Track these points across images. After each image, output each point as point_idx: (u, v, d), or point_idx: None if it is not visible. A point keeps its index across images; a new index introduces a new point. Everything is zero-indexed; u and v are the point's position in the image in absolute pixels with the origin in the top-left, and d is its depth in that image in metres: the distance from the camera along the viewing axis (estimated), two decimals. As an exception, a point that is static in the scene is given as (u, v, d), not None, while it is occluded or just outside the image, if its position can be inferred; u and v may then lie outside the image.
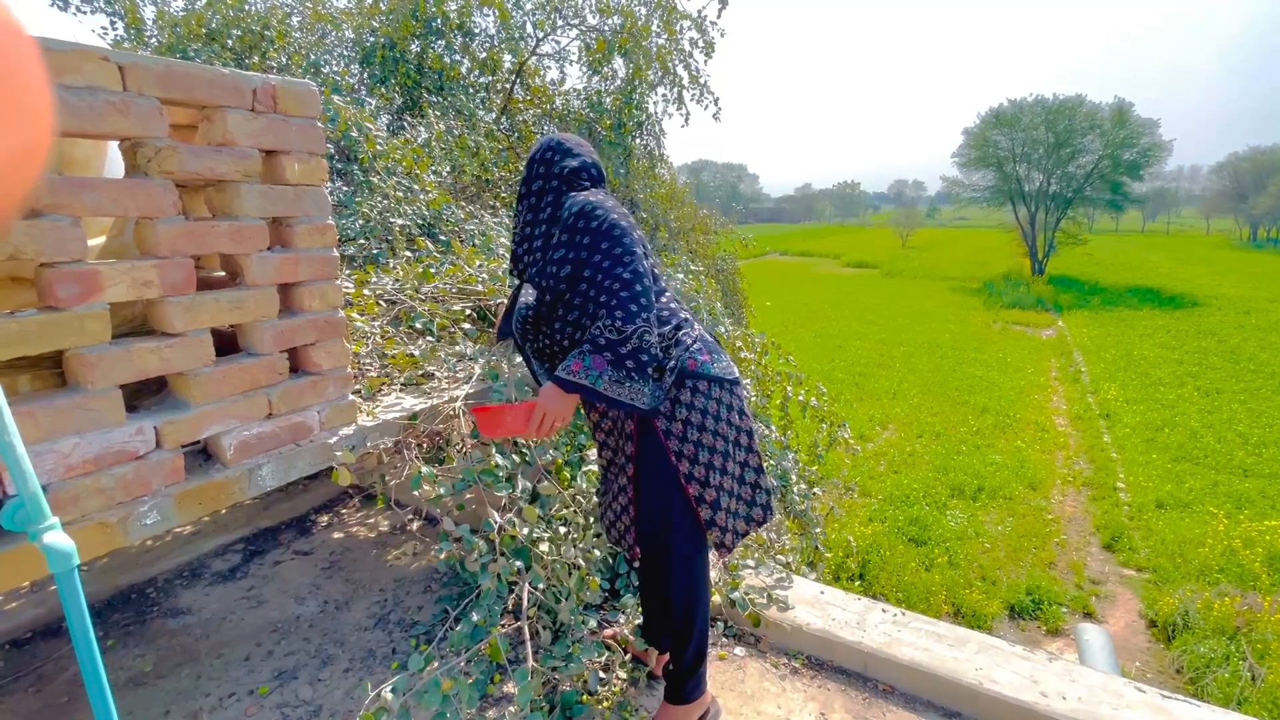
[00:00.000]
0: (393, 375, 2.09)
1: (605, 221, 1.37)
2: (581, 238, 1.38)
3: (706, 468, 1.41)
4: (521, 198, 1.59)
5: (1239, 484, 8.23)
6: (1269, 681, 4.80)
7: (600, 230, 1.36)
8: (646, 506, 1.47)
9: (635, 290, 1.31)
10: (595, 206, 1.39)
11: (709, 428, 1.41)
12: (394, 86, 5.59)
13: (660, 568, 1.49)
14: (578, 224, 1.39)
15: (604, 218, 1.37)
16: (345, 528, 2.64)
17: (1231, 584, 6.03)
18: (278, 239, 1.56)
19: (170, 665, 1.84)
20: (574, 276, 1.40)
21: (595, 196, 1.44)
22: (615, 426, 1.53)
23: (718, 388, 1.43)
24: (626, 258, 1.33)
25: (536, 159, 1.55)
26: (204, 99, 1.33)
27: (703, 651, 1.53)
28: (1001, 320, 19.94)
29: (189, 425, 1.37)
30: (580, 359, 1.34)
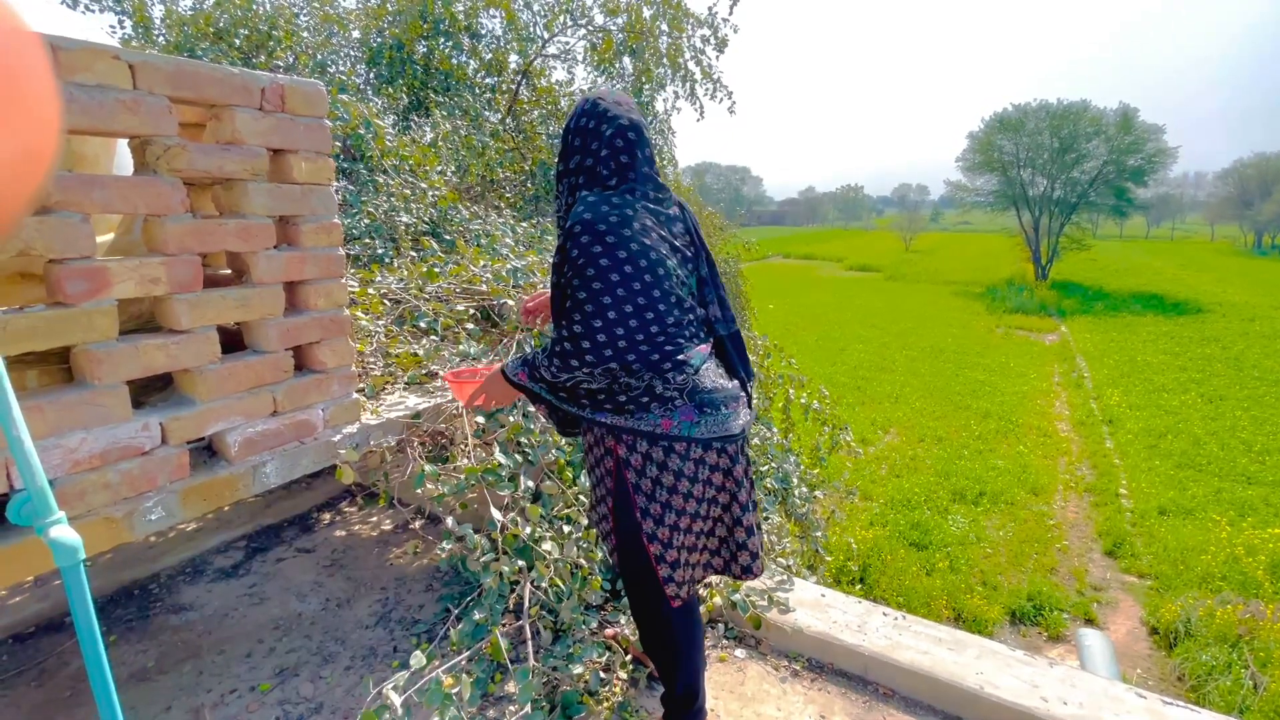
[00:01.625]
0: (396, 374, 2.10)
1: (592, 250, 1.21)
2: (573, 256, 1.23)
3: (671, 529, 1.29)
4: (559, 176, 1.41)
5: (1242, 491, 8.20)
6: (1271, 690, 4.78)
7: (587, 258, 1.20)
8: (621, 546, 1.38)
9: (587, 344, 1.18)
10: (593, 225, 1.21)
11: (681, 490, 1.28)
12: (401, 87, 5.62)
13: (638, 608, 1.43)
14: (566, 242, 1.24)
15: (589, 247, 1.21)
16: (347, 526, 2.64)
17: (1234, 592, 6.01)
18: (284, 237, 1.57)
19: (172, 661, 1.85)
20: (559, 293, 1.30)
21: (601, 209, 1.24)
22: (597, 447, 1.40)
23: (700, 448, 1.28)
24: (603, 296, 1.18)
25: (573, 129, 1.36)
26: (213, 98, 1.34)
27: (693, 689, 1.44)
28: (1004, 325, 19.91)
29: (194, 422, 1.38)
30: (530, 368, 1.30)
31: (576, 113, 1.36)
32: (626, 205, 1.26)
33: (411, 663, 1.40)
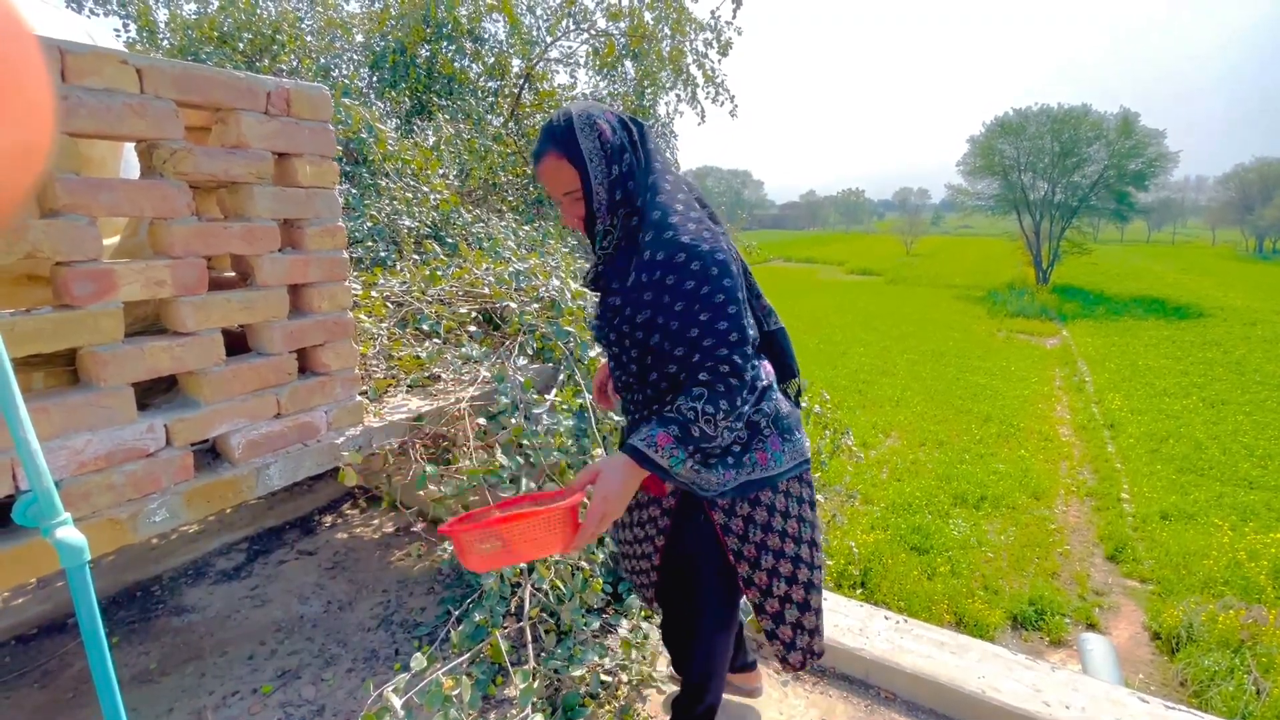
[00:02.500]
0: (399, 377, 2.11)
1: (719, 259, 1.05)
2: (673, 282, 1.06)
3: (770, 574, 1.18)
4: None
5: (1244, 496, 8.18)
6: (1274, 695, 4.76)
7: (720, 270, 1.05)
8: (679, 586, 1.29)
9: (741, 360, 1.03)
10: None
11: (775, 527, 1.17)
12: (404, 90, 5.64)
13: (683, 645, 1.35)
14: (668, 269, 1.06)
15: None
16: (349, 528, 2.65)
17: (1236, 596, 5.98)
18: (288, 240, 1.58)
19: (174, 663, 1.85)
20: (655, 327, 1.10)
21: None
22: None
23: (789, 482, 1.18)
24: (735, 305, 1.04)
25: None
26: (219, 101, 1.35)
27: (713, 709, 1.38)
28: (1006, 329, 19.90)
29: (199, 424, 1.38)
30: (667, 430, 1.01)
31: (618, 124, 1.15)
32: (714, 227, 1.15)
33: (412, 665, 1.40)
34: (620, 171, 1.10)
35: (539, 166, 1.13)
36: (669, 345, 1.07)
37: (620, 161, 1.10)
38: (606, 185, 1.09)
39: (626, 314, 1.10)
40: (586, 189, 1.09)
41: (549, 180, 1.13)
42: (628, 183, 1.10)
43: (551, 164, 1.10)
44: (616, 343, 1.16)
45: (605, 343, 1.22)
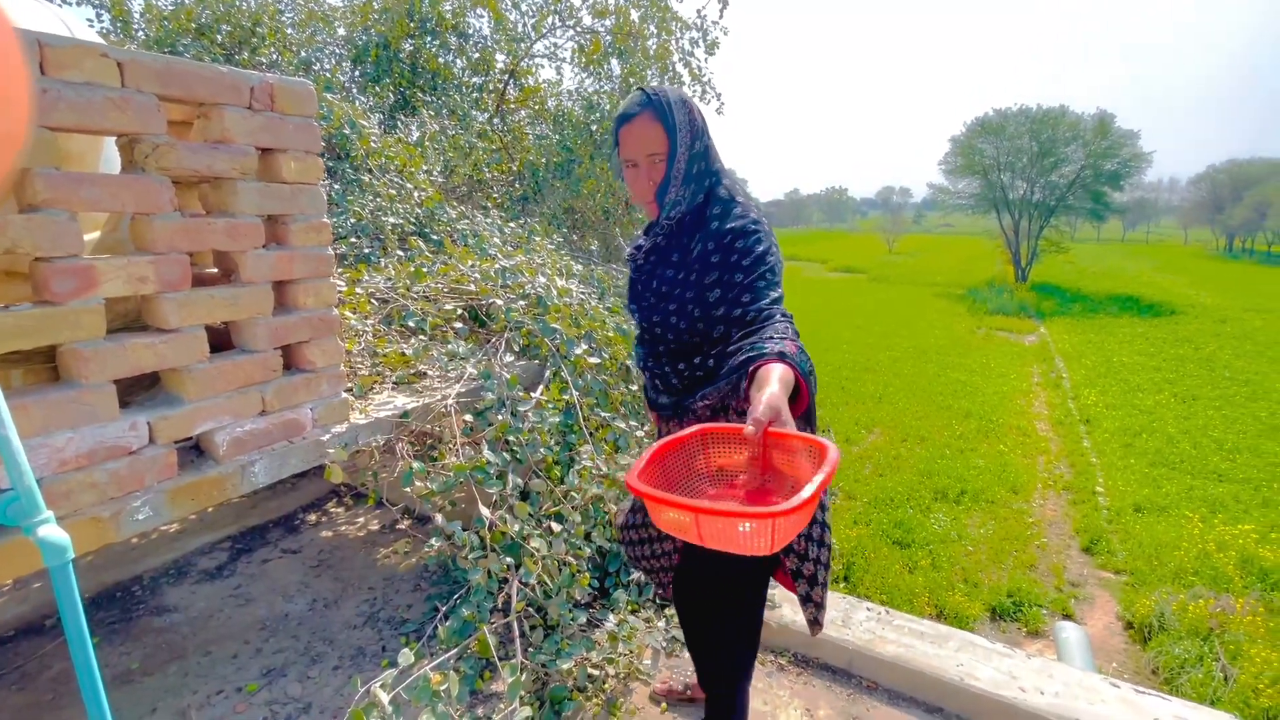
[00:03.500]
0: (385, 374, 2.10)
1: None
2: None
3: (815, 564, 1.22)
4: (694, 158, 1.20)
5: (1214, 488, 8.41)
6: (1241, 681, 4.91)
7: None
8: (712, 574, 1.27)
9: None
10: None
11: (816, 517, 1.23)
12: (387, 86, 5.59)
13: (712, 653, 1.34)
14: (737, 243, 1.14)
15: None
16: (334, 526, 2.63)
17: (1206, 586, 6.16)
18: (273, 236, 1.57)
19: (157, 663, 1.83)
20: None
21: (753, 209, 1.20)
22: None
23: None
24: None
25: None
26: (202, 96, 1.34)
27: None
28: (985, 326, 20.21)
29: (182, 421, 1.37)
30: (796, 344, 1.02)
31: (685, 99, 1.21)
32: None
33: (400, 661, 1.41)
34: (702, 148, 1.19)
35: (629, 124, 1.16)
36: (731, 299, 1.12)
37: (702, 139, 1.19)
38: (688, 157, 1.17)
39: (692, 279, 1.16)
40: (672, 154, 1.16)
41: (637, 138, 1.16)
42: (704, 161, 1.19)
43: (646, 123, 1.15)
44: (676, 311, 1.18)
45: (658, 314, 1.22)
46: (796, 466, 0.82)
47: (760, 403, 0.84)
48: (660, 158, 1.17)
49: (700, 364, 1.19)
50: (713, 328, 1.15)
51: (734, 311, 1.12)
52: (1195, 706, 1.62)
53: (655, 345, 1.26)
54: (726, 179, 1.23)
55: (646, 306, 1.26)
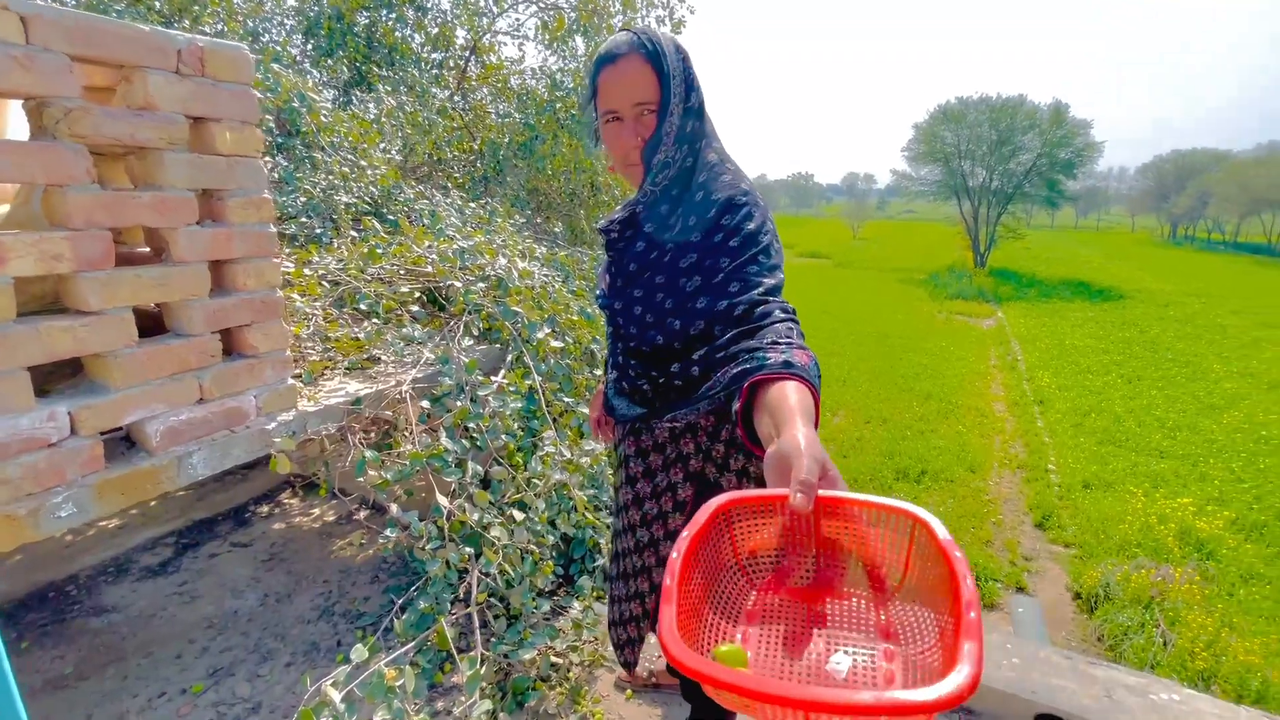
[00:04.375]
0: (336, 359, 2.01)
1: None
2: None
3: None
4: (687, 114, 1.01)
5: (1156, 465, 8.83)
6: (1178, 646, 5.19)
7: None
8: None
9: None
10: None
11: None
12: (341, 59, 5.35)
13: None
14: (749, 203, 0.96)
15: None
16: (287, 518, 2.53)
17: (1148, 557, 6.47)
18: (208, 213, 1.47)
19: (93, 666, 1.73)
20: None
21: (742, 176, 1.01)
22: (662, 485, 1.10)
23: None
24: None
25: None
26: (122, 57, 1.23)
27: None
28: (945, 311, 20.72)
29: (108, 410, 1.28)
30: (807, 352, 0.79)
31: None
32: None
33: (353, 656, 1.35)
34: (697, 102, 0.99)
35: (613, 65, 0.95)
36: (714, 287, 0.91)
37: (698, 93, 0.99)
38: (681, 111, 0.97)
39: (665, 260, 0.97)
40: (664, 106, 0.95)
41: (622, 83, 0.95)
42: (698, 120, 1.00)
43: (634, 65, 0.94)
44: (642, 300, 0.99)
45: (620, 301, 1.03)
46: (862, 540, 0.59)
47: (798, 454, 0.58)
48: (650, 109, 0.96)
49: (681, 371, 0.95)
50: (690, 324, 0.92)
51: (718, 304, 0.89)
52: (1140, 674, 1.68)
53: (627, 343, 1.04)
54: (718, 143, 1.04)
55: (612, 292, 1.06)
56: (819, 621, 0.58)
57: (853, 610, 0.59)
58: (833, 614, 0.59)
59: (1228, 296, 23.06)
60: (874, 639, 0.56)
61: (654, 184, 0.99)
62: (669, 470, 1.09)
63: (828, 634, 0.57)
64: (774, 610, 0.60)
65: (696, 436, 1.06)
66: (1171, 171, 57.43)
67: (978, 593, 0.46)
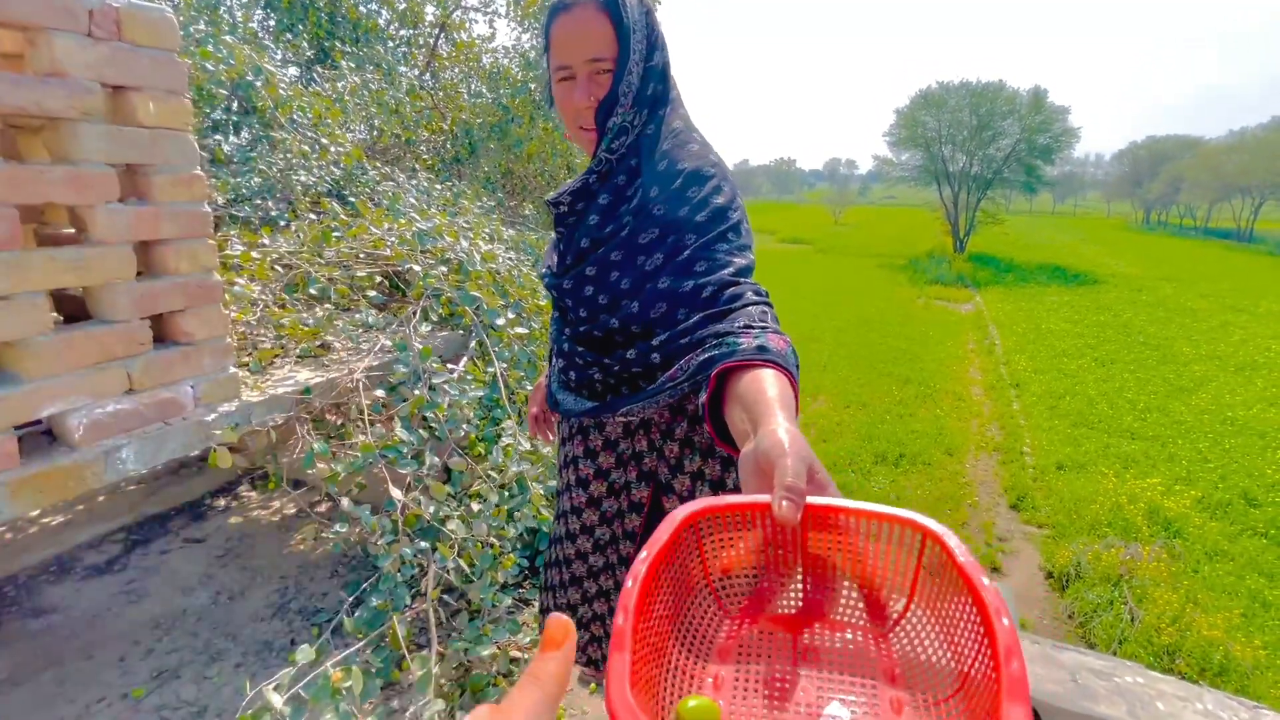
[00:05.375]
0: (287, 347, 1.92)
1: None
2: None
3: None
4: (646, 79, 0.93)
5: (1127, 446, 9.00)
6: (1145, 622, 5.32)
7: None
8: None
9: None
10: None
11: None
12: (302, 35, 5.14)
13: None
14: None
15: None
16: (245, 512, 2.44)
17: (1117, 536, 6.61)
18: (133, 190, 1.37)
19: (29, 671, 1.65)
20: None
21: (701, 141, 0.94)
22: (619, 484, 1.03)
23: None
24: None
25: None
26: (21, 17, 1.12)
27: None
28: (925, 295, 20.89)
29: (21, 403, 1.19)
30: (783, 337, 0.72)
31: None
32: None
33: (299, 657, 1.29)
34: (661, 63, 0.90)
35: (567, 13, 0.86)
36: (678, 266, 0.82)
37: (662, 52, 0.90)
38: (642, 70, 0.88)
39: (622, 234, 0.87)
40: (622, 62, 0.86)
41: (576, 35, 0.86)
42: (661, 83, 0.91)
43: (589, 15, 0.84)
44: (595, 279, 0.89)
45: (569, 280, 0.93)
46: (858, 558, 0.50)
47: (782, 453, 0.50)
48: (606, 66, 0.86)
49: (638, 359, 0.86)
50: (650, 306, 0.83)
51: (682, 284, 0.80)
52: (1106, 658, 1.68)
53: (575, 328, 0.95)
54: (684, 110, 0.95)
55: (560, 270, 0.96)
56: (807, 659, 0.48)
57: (849, 645, 0.48)
58: (824, 649, 0.48)
59: (1197, 281, 23.57)
60: (876, 683, 0.45)
61: (609, 151, 0.90)
62: (624, 468, 1.02)
63: (819, 676, 0.46)
64: (752, 645, 0.49)
65: (650, 434, 0.98)
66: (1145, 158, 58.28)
67: (1017, 635, 0.36)
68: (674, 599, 0.49)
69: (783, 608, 0.52)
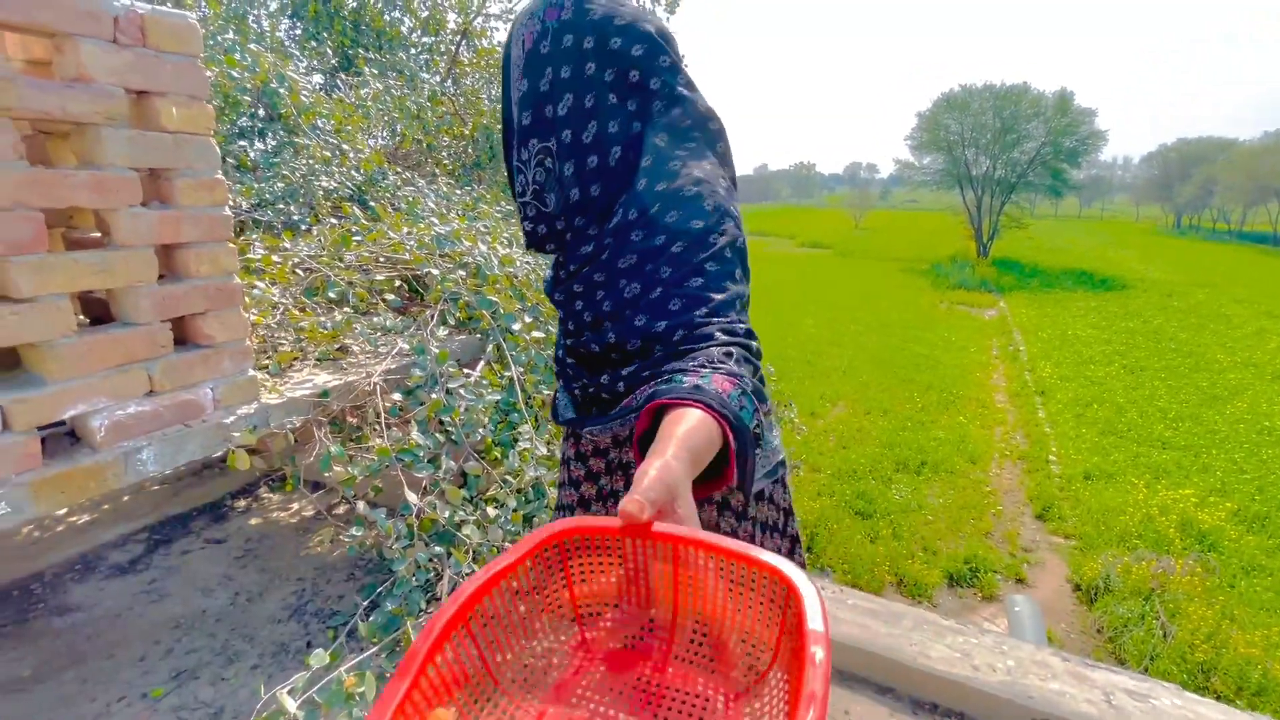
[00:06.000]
0: (306, 350, 1.93)
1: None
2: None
3: None
4: (522, 133, 0.88)
5: (1158, 456, 8.75)
6: (1178, 638, 5.14)
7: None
8: None
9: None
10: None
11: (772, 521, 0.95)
12: (328, 43, 5.23)
13: None
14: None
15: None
16: (264, 513, 2.47)
17: (1148, 549, 6.41)
18: (155, 194, 1.38)
19: (52, 669, 1.67)
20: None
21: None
22: (606, 490, 1.00)
23: (757, 503, 0.93)
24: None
25: (547, 51, 0.83)
26: (48, 23, 1.14)
27: None
28: (947, 300, 20.60)
29: (45, 404, 1.20)
30: (733, 378, 0.66)
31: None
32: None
33: (312, 661, 1.28)
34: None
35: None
36: (654, 303, 0.79)
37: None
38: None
39: (603, 258, 0.84)
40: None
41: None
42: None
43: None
44: (583, 295, 0.86)
45: (561, 293, 0.88)
46: (704, 597, 0.46)
47: (644, 473, 0.49)
48: None
49: (608, 384, 0.84)
50: (625, 339, 0.80)
51: (655, 325, 0.76)
52: (1141, 678, 1.61)
53: (567, 338, 0.92)
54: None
55: (554, 282, 0.92)
56: (649, 709, 0.43)
57: (696, 701, 0.43)
58: (671, 700, 0.44)
59: (1232, 286, 22.91)
60: None
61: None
62: (612, 476, 1.00)
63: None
64: (595, 685, 0.45)
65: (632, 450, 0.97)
66: (1176, 160, 56.92)
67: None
68: (522, 623, 0.46)
69: (637, 646, 0.48)
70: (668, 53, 0.85)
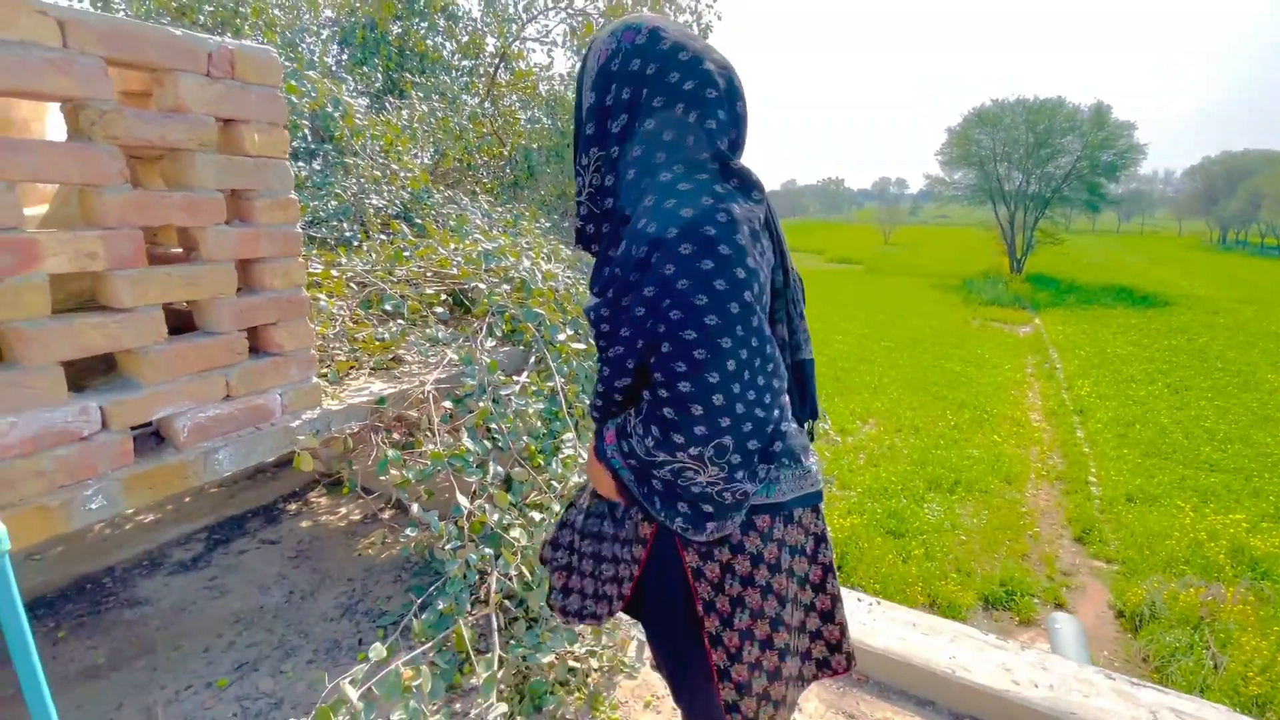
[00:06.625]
0: (362, 359, 2.03)
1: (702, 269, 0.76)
2: (669, 276, 0.77)
3: (743, 636, 0.92)
4: (585, 141, 0.95)
5: (1205, 478, 8.42)
6: (1230, 670, 4.92)
7: (695, 282, 0.76)
8: (655, 645, 1.08)
9: (700, 410, 0.77)
10: (698, 230, 0.77)
11: (759, 581, 0.92)
12: (375, 67, 5.47)
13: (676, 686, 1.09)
14: (651, 255, 0.79)
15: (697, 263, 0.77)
16: (314, 516, 2.57)
17: (1196, 575, 6.17)
18: (236, 213, 1.50)
19: (125, 657, 1.77)
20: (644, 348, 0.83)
21: (704, 203, 0.79)
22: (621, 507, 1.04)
23: (784, 524, 0.94)
24: (722, 338, 0.76)
25: (617, 70, 0.89)
26: (154, 61, 1.26)
27: None
28: (980, 317, 20.21)
29: (138, 406, 1.30)
30: (621, 434, 0.89)
31: (625, 50, 0.89)
32: (730, 198, 0.81)
33: (371, 655, 1.35)
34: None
35: None
36: (602, 359, 0.91)
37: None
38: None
39: (609, 296, 0.87)
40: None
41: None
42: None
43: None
44: (603, 318, 0.89)
45: (597, 314, 0.89)
46: None
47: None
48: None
49: (590, 409, 1.00)
50: (598, 384, 0.95)
51: (599, 384, 0.93)
52: (1189, 698, 1.58)
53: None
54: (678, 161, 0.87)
55: (592, 296, 0.97)
56: None
57: None
58: None
59: (1283, 303, 22.01)
60: None
61: (586, 196, 0.99)
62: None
63: None
64: None
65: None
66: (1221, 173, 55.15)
67: None
68: None
69: None
70: (715, 86, 0.89)
